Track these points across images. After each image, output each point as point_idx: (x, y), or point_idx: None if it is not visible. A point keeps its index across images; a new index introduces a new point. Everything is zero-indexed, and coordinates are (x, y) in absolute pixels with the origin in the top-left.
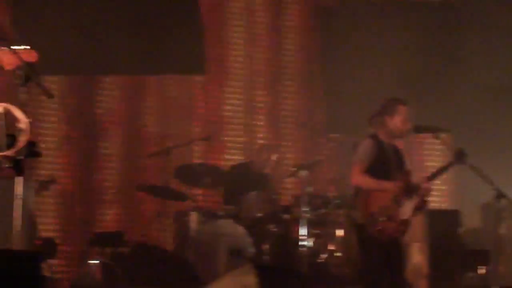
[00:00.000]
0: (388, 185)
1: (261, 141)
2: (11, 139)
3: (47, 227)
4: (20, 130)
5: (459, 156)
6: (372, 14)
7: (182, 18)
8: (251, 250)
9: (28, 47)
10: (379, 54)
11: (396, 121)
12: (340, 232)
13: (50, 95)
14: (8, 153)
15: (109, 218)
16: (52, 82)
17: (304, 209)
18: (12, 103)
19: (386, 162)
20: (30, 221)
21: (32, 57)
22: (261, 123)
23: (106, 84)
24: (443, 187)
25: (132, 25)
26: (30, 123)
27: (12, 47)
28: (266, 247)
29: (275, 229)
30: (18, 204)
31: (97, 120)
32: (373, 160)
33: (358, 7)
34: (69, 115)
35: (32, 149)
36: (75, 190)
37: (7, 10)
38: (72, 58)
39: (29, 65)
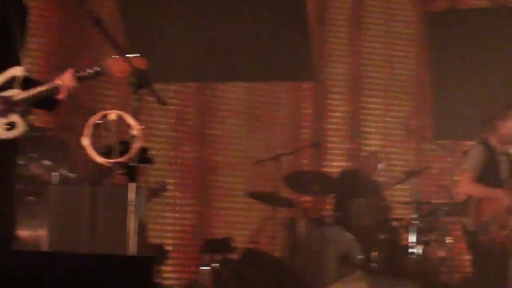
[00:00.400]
0: (499, 192)
1: (369, 148)
2: (124, 146)
3: (157, 234)
4: (133, 136)
5: None
6: (482, 19)
7: (291, 24)
8: (360, 257)
9: (138, 54)
10: (489, 60)
11: (509, 126)
12: (449, 239)
13: (163, 102)
14: (122, 159)
15: (219, 224)
16: (163, 89)
17: (413, 216)
18: (125, 110)
19: (496, 169)
20: (141, 227)
21: (142, 64)
22: (369, 129)
23: (218, 91)
24: None
25: (244, 32)
26: (143, 130)
27: (123, 55)
28: (374, 254)
29: (383, 236)
30: (131, 211)
31: (206, 127)
32: (483, 167)
33: (468, 12)
34: (180, 123)
35: (144, 156)
36: (186, 197)
37: (118, 17)
38: (186, 65)
39: (141, 72)
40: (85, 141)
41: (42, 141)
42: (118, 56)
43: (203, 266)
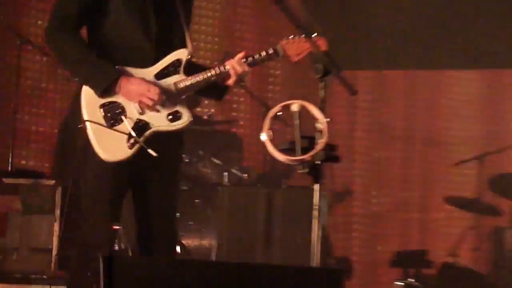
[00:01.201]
0: None
1: None
2: (308, 142)
3: (342, 244)
4: (319, 131)
5: None
6: None
7: None
8: None
9: (316, 33)
10: None
11: None
12: None
13: (353, 92)
14: (305, 157)
15: (412, 234)
16: (353, 77)
17: None
18: (309, 100)
19: None
20: (324, 235)
21: (323, 45)
22: None
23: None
24: None
25: (455, 13)
26: (329, 123)
27: (301, 35)
28: None
29: None
30: (315, 216)
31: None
32: None
33: None
34: (369, 115)
35: (330, 153)
36: (374, 202)
37: None
38: (381, 50)
39: (325, 55)
40: (264, 136)
41: (210, 136)
42: (294, 37)
43: (397, 281)
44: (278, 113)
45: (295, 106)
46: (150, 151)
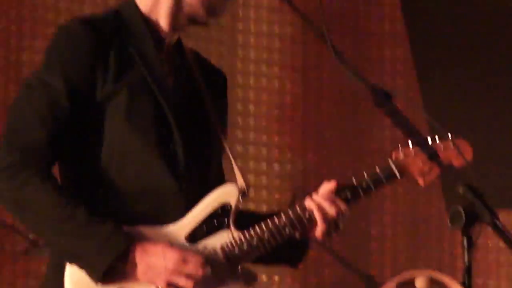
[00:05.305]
0: None
1: None
2: None
3: None
4: None
5: None
6: None
7: None
8: None
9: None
10: None
11: None
12: None
13: None
14: None
15: None
16: None
17: None
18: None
19: None
20: None
21: (464, 155)
22: None
23: None
24: None
25: None
26: None
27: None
28: None
29: None
30: None
31: None
32: None
33: None
34: None
35: None
36: None
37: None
38: None
39: (472, 191)
40: None
41: None
42: (414, 145)
43: None
44: None
45: (420, 282)
46: None
